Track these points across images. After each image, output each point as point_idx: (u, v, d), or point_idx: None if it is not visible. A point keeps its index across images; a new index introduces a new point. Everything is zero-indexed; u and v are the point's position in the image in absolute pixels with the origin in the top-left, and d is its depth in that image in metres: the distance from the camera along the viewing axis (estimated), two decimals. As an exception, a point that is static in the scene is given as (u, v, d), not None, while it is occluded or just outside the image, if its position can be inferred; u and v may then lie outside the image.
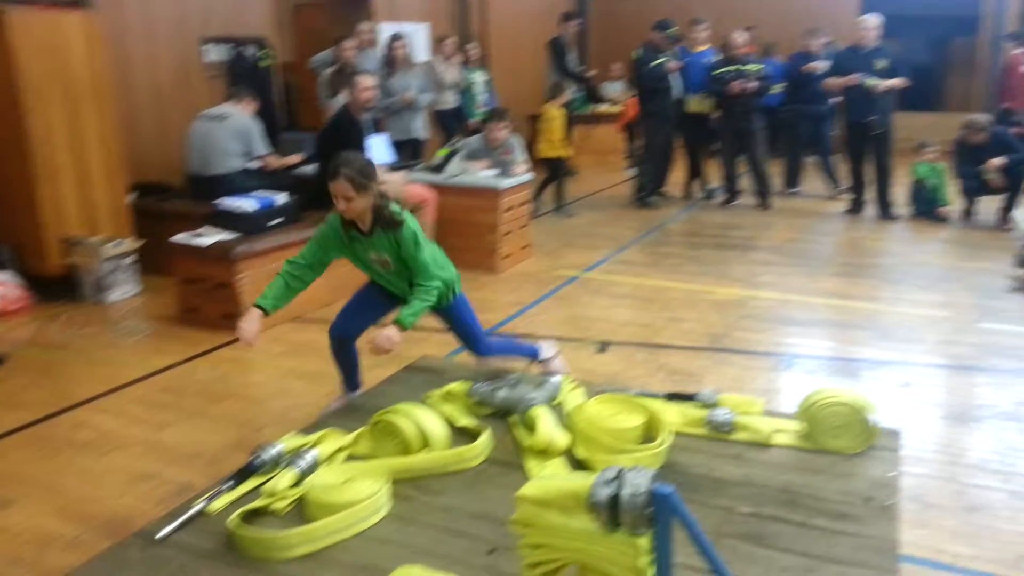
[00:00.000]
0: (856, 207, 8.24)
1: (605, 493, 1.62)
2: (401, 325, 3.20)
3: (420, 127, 7.79)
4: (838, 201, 8.60)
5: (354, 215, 3.13)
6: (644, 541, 1.62)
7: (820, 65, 8.45)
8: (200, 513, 2.55)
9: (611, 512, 1.62)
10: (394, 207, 3.19)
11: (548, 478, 1.82)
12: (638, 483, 1.61)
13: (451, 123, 8.75)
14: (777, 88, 8.94)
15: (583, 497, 1.65)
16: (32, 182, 5.22)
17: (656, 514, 1.61)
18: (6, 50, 5.01)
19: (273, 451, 2.78)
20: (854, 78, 7.51)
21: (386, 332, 3.16)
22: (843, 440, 2.89)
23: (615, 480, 1.64)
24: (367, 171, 3.10)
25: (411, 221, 3.20)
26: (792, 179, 9.47)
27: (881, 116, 7.64)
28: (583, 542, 1.68)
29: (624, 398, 3.11)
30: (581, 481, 1.69)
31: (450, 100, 8.90)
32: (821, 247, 6.92)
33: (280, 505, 2.56)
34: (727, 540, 2.37)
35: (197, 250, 4.86)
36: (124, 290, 5.53)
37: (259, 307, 3.12)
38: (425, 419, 2.90)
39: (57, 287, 5.46)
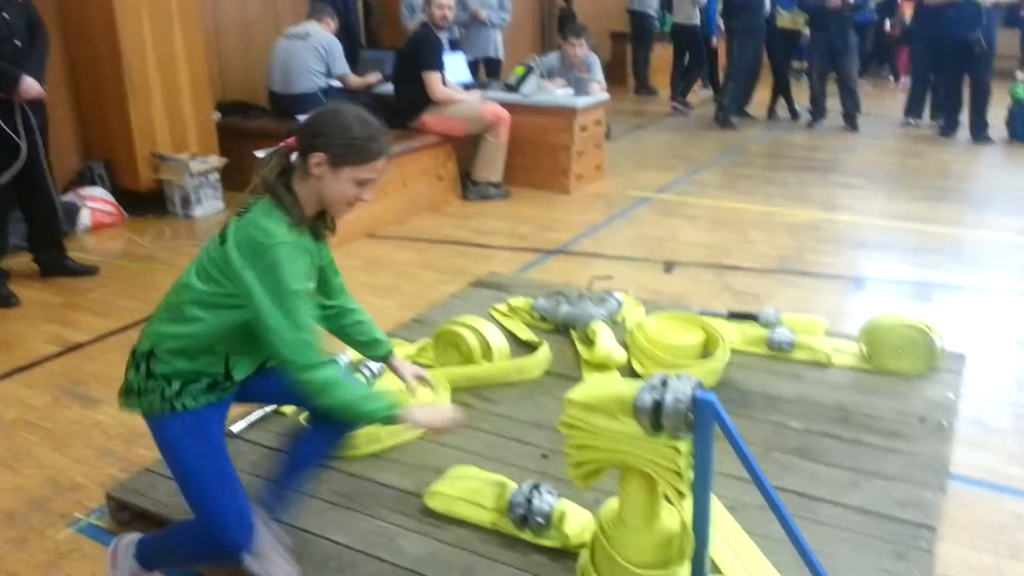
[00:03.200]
0: (949, 129, 7.90)
1: (650, 398, 1.69)
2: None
3: (497, 45, 7.74)
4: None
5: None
6: (685, 445, 1.69)
7: None
8: (274, 412, 2.73)
9: (654, 416, 1.69)
10: None
11: (596, 383, 1.89)
12: (682, 390, 1.68)
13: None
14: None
15: (628, 402, 1.72)
16: (124, 100, 5.40)
17: (697, 420, 1.68)
18: (99, -32, 5.14)
19: (343, 360, 2.93)
20: None
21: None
22: (904, 361, 2.88)
23: (660, 387, 1.71)
24: None
25: None
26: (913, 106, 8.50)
27: (985, 33, 7.27)
28: (626, 444, 1.74)
29: (684, 316, 3.14)
30: (627, 387, 1.75)
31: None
32: (906, 170, 6.67)
33: (348, 407, 2.72)
34: (775, 454, 2.43)
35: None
36: (209, 205, 5.75)
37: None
38: (488, 331, 3.01)
39: (147, 202, 5.68)
